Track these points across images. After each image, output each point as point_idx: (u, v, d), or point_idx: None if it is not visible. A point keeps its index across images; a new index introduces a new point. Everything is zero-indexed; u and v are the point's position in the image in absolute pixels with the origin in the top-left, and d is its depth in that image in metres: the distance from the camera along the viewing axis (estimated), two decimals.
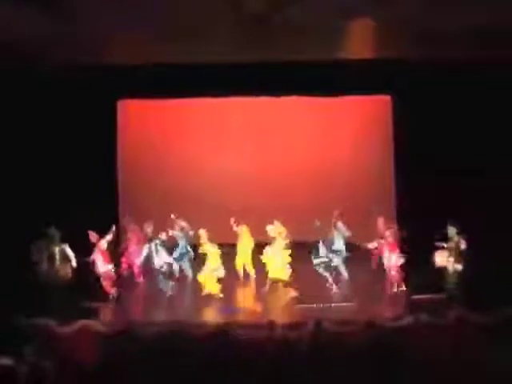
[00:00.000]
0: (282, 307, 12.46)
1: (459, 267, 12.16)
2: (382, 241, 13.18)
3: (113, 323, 9.61)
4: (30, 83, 14.28)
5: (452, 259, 12.17)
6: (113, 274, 12.91)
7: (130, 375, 8.11)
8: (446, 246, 12.30)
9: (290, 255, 13.39)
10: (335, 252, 13.51)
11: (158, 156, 17.47)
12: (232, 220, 14.12)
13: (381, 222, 13.94)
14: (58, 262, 12.56)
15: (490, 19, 11.21)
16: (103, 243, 12.85)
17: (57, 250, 12.68)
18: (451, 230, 12.29)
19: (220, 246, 13.45)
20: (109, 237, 12.94)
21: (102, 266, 12.75)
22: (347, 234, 13.80)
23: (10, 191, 13.98)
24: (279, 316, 11.53)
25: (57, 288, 12.21)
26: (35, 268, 12.61)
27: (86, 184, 15.20)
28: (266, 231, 13.80)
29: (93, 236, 12.89)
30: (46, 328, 8.89)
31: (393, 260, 12.77)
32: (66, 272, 12.50)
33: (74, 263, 12.74)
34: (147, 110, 17.40)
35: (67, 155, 15.36)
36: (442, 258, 12.33)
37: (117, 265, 13.49)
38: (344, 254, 13.72)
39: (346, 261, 13.86)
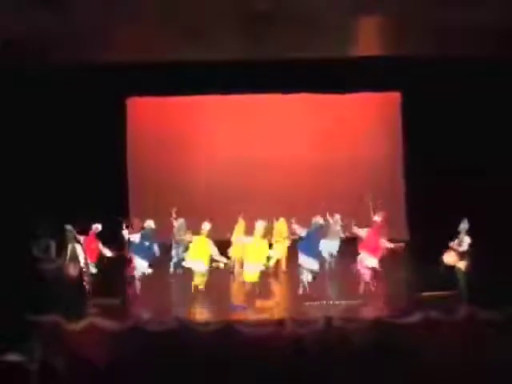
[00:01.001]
0: (290, 304, 12.47)
1: (464, 264, 12.10)
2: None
3: (121, 320, 9.62)
4: (40, 82, 14.33)
5: (458, 257, 12.14)
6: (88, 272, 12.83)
7: (138, 372, 8.13)
8: (453, 244, 12.25)
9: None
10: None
11: (167, 152, 17.52)
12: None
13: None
14: (67, 260, 12.56)
15: (501, 18, 11.16)
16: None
17: (69, 247, 12.68)
18: (462, 227, 12.20)
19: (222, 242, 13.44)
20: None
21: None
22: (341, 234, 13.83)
23: (18, 189, 14.03)
24: (287, 313, 11.54)
25: (65, 285, 12.24)
26: (39, 265, 12.62)
27: (96, 181, 15.27)
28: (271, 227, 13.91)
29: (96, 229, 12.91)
30: (55, 325, 8.91)
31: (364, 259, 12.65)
32: (74, 271, 12.51)
33: (82, 263, 12.70)
34: (156, 108, 17.45)
35: (77, 153, 15.45)
36: (449, 256, 12.29)
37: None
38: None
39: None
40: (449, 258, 12.28)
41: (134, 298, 13.01)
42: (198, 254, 12.56)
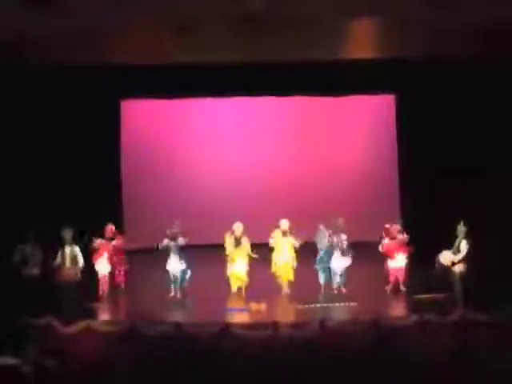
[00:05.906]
0: (286, 307, 12.45)
1: (461, 267, 12.08)
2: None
3: (116, 323, 9.61)
4: (33, 82, 14.31)
5: (455, 259, 12.12)
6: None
7: (132, 375, 8.12)
8: (452, 250, 12.20)
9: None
10: None
11: (160, 156, 17.46)
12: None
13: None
14: (68, 263, 12.48)
15: (493, 18, 11.21)
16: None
17: (68, 250, 12.60)
18: (460, 230, 12.15)
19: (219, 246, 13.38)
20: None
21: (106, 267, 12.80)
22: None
23: (12, 191, 14.00)
24: (282, 316, 11.53)
25: (64, 288, 12.18)
26: (17, 269, 12.51)
27: (90, 184, 15.23)
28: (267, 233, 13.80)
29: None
30: (50, 328, 8.89)
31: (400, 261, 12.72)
32: (75, 273, 12.46)
33: (81, 264, 12.66)
34: (150, 110, 17.41)
35: (70, 155, 15.41)
36: (445, 257, 12.27)
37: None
38: None
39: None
40: (445, 258, 12.27)
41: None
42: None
